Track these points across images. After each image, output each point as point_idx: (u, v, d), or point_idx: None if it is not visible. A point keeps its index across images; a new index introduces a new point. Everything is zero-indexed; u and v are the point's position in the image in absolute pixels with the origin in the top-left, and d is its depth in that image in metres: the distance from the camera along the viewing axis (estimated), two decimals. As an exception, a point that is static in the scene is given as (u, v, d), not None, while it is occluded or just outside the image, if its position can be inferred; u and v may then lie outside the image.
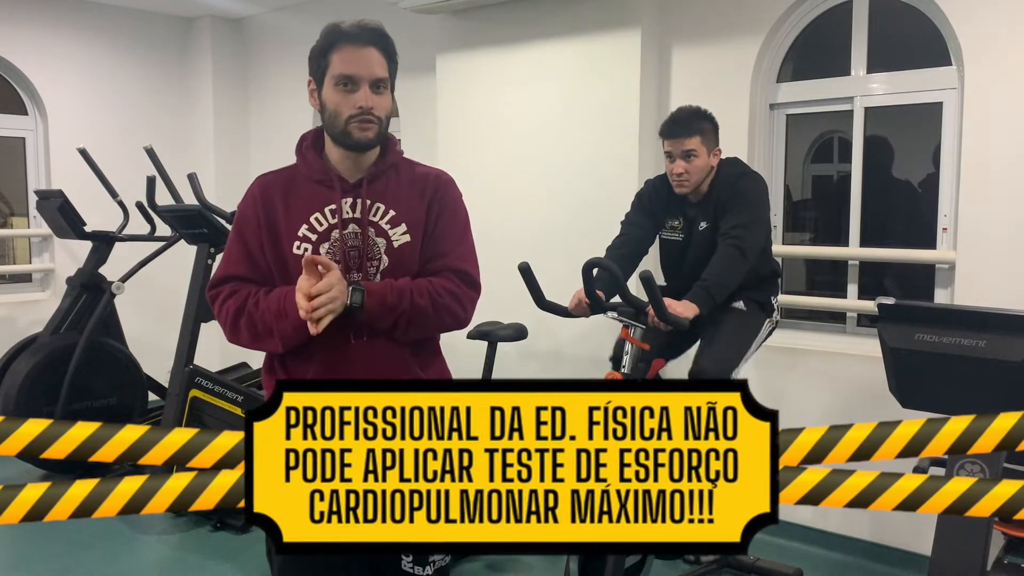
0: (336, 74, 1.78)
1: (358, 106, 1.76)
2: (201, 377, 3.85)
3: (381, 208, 1.83)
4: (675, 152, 2.92)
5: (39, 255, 5.64)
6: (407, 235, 1.83)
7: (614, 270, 2.66)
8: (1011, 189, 3.09)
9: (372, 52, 1.79)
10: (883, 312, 2.54)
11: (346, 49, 1.78)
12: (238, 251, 1.86)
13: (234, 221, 1.90)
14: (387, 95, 1.82)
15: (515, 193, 4.29)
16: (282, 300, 1.76)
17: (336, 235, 1.80)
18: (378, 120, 1.79)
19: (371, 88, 1.78)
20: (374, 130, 1.79)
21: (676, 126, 2.93)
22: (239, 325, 1.83)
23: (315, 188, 1.84)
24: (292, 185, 1.86)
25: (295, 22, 5.65)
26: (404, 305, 1.77)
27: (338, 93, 1.78)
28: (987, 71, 3.13)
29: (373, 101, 1.77)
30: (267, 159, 5.87)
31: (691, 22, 3.86)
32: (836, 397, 3.49)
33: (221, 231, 3.91)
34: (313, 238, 1.80)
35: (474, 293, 1.90)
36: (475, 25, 4.39)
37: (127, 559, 3.54)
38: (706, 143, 2.92)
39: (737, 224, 2.84)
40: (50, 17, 5.47)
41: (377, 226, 1.82)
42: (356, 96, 1.77)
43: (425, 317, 1.80)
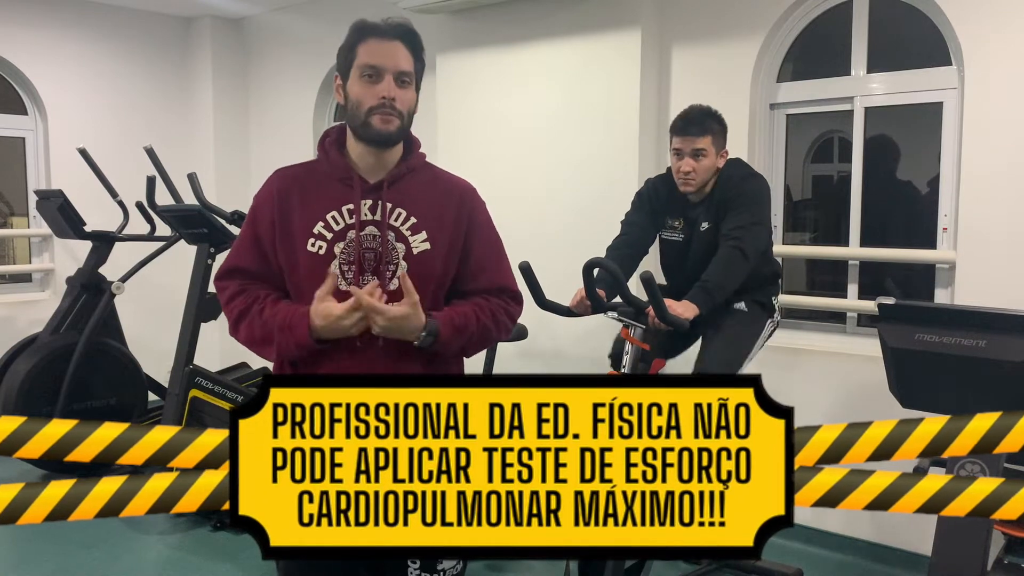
0: (361, 65, 1.77)
1: (380, 96, 1.75)
2: (201, 377, 3.85)
3: (402, 213, 1.81)
4: (685, 150, 2.92)
5: (39, 255, 5.64)
6: (427, 243, 1.81)
7: (614, 270, 2.66)
8: (1011, 189, 3.09)
9: (398, 46, 1.78)
10: (883, 312, 2.54)
11: (372, 42, 1.77)
12: (249, 243, 1.84)
13: (249, 211, 1.88)
14: (411, 90, 1.81)
15: (515, 193, 4.29)
16: (291, 315, 1.75)
17: (352, 235, 1.78)
18: (400, 114, 1.77)
19: (395, 80, 1.76)
20: (396, 124, 1.77)
21: (688, 124, 2.92)
22: (239, 327, 1.83)
23: (334, 186, 1.82)
24: (311, 181, 1.84)
25: (295, 22, 5.65)
26: (472, 328, 1.81)
27: (362, 84, 1.77)
28: (987, 71, 3.13)
29: (396, 93, 1.76)
30: (267, 159, 5.87)
31: (691, 22, 3.86)
32: (836, 397, 3.49)
33: (221, 231, 3.91)
34: (328, 236, 1.78)
35: (520, 308, 1.96)
36: (475, 25, 4.39)
37: (127, 559, 3.54)
38: (715, 144, 2.92)
39: (739, 225, 2.83)
40: (50, 17, 5.47)
41: (397, 230, 1.80)
42: (379, 87, 1.75)
43: (488, 336, 1.86)
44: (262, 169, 6.00)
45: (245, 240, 1.86)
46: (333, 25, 5.36)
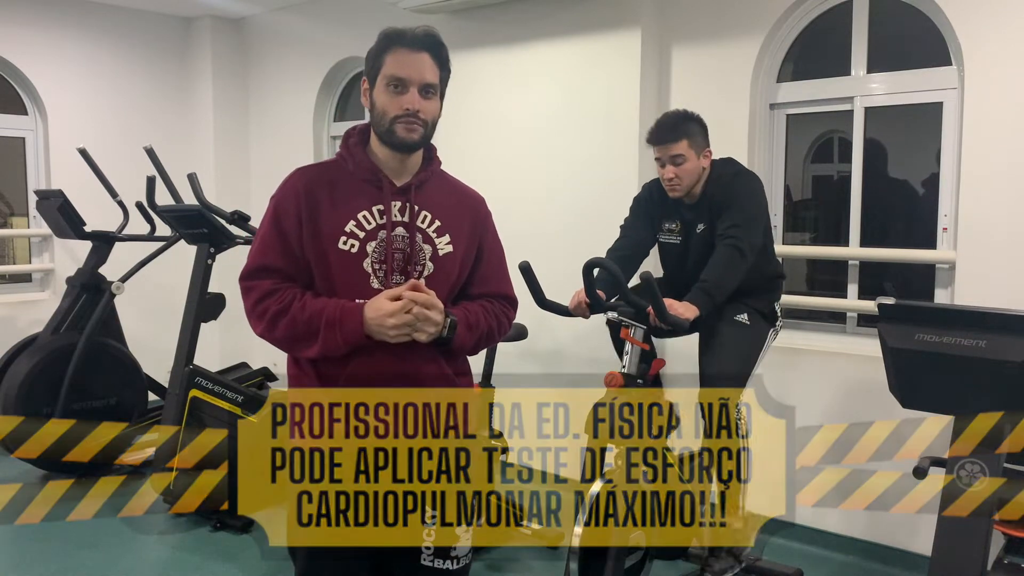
0: (388, 75, 1.82)
1: (405, 108, 1.80)
2: (201, 377, 3.85)
3: (428, 216, 1.88)
4: (664, 158, 2.94)
5: (39, 255, 5.64)
6: (450, 246, 1.89)
7: (614, 270, 2.66)
8: (1011, 189, 3.09)
9: (424, 57, 1.83)
10: (883, 312, 2.54)
11: (400, 52, 1.82)
12: (276, 242, 1.84)
13: (269, 211, 1.87)
14: (435, 101, 1.87)
15: (515, 193, 4.29)
16: (340, 309, 1.78)
17: (383, 235, 1.83)
18: (423, 123, 1.84)
19: (420, 92, 1.82)
20: (419, 132, 1.83)
21: (661, 132, 2.94)
22: (277, 324, 1.81)
23: (363, 186, 1.86)
24: (339, 181, 1.87)
25: (295, 22, 5.65)
26: (483, 326, 1.90)
27: (388, 94, 1.82)
28: (987, 71, 3.13)
29: (420, 105, 1.82)
30: (267, 159, 5.87)
31: (691, 22, 3.86)
32: (836, 397, 3.49)
33: (221, 231, 3.91)
34: (361, 235, 1.82)
35: (515, 313, 2.07)
36: (475, 25, 4.39)
37: (127, 559, 3.54)
38: (694, 146, 2.93)
39: (733, 224, 2.84)
40: (50, 17, 5.47)
41: (424, 232, 1.87)
42: (404, 98, 1.81)
43: (492, 336, 1.95)
44: (262, 169, 6.01)
45: (269, 238, 1.85)
46: (333, 25, 5.38)
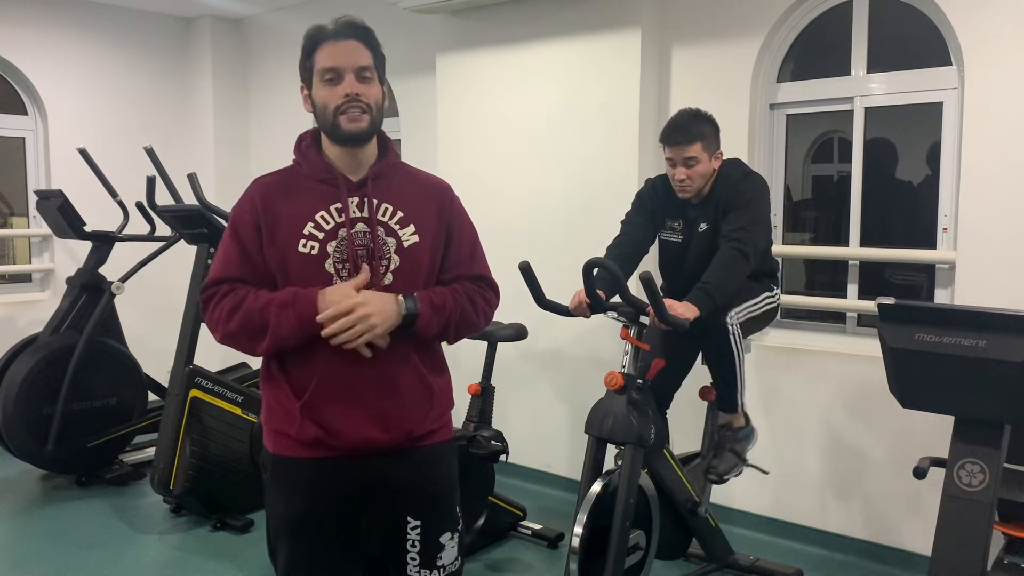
0: (320, 69, 1.80)
1: (344, 94, 1.77)
2: (201, 377, 3.85)
3: (389, 208, 1.85)
4: (676, 159, 2.89)
5: (39, 255, 5.64)
6: (416, 235, 1.85)
7: (614, 270, 2.65)
8: (1011, 189, 3.09)
9: (353, 43, 1.81)
10: (883, 312, 2.54)
11: (327, 45, 1.81)
12: (235, 254, 1.83)
13: (229, 224, 1.88)
14: (375, 84, 1.82)
15: (515, 192, 4.29)
16: (294, 292, 1.76)
17: (343, 233, 1.80)
18: (368, 107, 1.79)
19: (356, 77, 1.79)
20: (365, 119, 1.79)
21: (676, 133, 2.89)
22: (232, 319, 1.78)
23: (318, 187, 1.83)
24: (294, 185, 1.85)
25: (295, 22, 5.65)
26: (450, 307, 1.84)
27: (325, 88, 1.80)
28: (987, 71, 3.13)
29: (359, 88, 1.78)
30: (267, 159, 5.87)
31: (691, 22, 3.86)
32: (836, 397, 3.49)
33: (221, 231, 3.90)
34: (320, 236, 1.79)
35: (496, 297, 2.00)
36: (475, 25, 4.39)
37: (127, 559, 3.54)
38: (707, 148, 2.89)
39: (739, 226, 2.81)
40: (50, 17, 5.47)
41: (386, 225, 1.83)
42: (341, 86, 1.78)
43: (469, 318, 1.89)
44: (262, 169, 5.94)
45: (229, 252, 1.84)
46: (333, 25, 5.38)
